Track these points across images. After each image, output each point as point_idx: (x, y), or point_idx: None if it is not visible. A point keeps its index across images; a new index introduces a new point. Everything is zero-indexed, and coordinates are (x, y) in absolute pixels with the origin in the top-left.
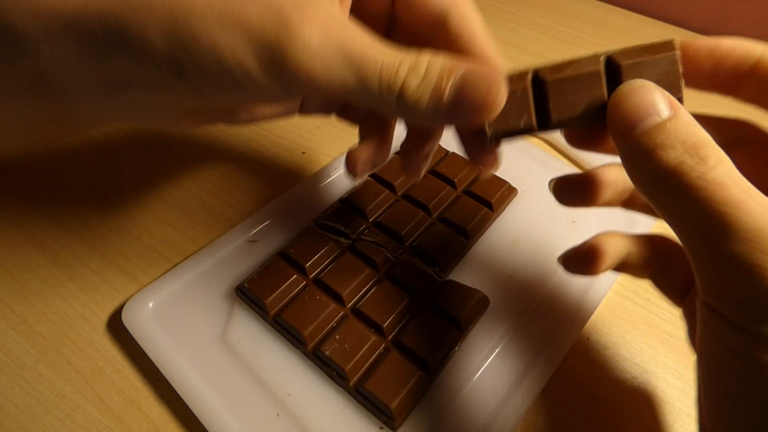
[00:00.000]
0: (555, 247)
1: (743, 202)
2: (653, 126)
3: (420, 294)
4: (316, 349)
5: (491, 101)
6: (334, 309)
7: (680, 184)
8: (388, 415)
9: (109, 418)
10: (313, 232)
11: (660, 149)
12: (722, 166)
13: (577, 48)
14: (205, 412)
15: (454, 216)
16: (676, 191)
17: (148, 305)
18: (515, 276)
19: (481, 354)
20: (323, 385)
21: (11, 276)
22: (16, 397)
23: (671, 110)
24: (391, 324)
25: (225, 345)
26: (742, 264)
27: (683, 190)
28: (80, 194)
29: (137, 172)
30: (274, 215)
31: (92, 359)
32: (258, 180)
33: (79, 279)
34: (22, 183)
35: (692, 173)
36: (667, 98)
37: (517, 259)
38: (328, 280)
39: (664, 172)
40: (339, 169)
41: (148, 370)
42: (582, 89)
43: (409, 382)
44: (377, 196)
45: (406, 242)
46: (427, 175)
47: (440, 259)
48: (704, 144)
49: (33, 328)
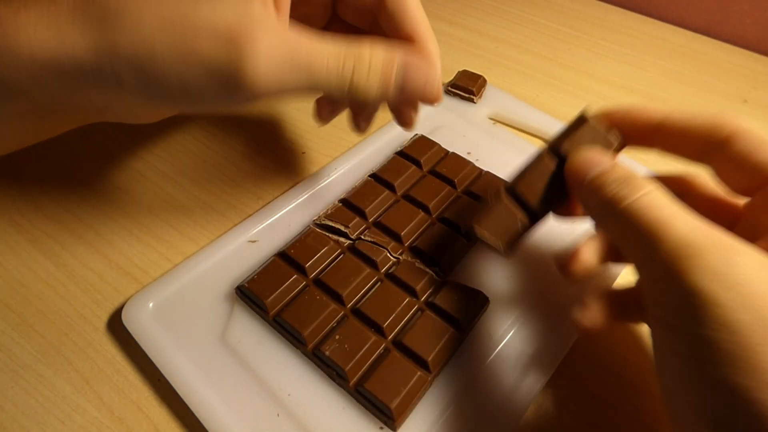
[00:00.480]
0: (555, 247)
1: (668, 221)
2: (597, 173)
3: (420, 294)
4: (316, 349)
5: (430, 88)
6: (334, 309)
7: (617, 209)
8: (388, 415)
9: (109, 418)
10: (313, 232)
11: (602, 187)
12: (652, 194)
13: (577, 48)
14: (205, 413)
15: (455, 216)
16: (616, 215)
17: (148, 305)
18: (515, 276)
19: (481, 354)
20: (323, 385)
21: (11, 276)
22: (16, 397)
23: (610, 162)
24: (391, 324)
25: (225, 345)
26: (670, 270)
27: (620, 213)
28: (80, 194)
29: (138, 172)
30: (274, 215)
31: (92, 359)
32: (258, 180)
33: (79, 279)
34: (22, 183)
35: (626, 200)
36: (605, 154)
37: (517, 259)
38: (328, 280)
39: (605, 202)
40: (339, 169)
41: (148, 370)
42: (543, 180)
43: (409, 382)
44: (377, 196)
45: (406, 242)
46: (427, 175)
47: (440, 259)
48: (636, 178)
49: (33, 328)
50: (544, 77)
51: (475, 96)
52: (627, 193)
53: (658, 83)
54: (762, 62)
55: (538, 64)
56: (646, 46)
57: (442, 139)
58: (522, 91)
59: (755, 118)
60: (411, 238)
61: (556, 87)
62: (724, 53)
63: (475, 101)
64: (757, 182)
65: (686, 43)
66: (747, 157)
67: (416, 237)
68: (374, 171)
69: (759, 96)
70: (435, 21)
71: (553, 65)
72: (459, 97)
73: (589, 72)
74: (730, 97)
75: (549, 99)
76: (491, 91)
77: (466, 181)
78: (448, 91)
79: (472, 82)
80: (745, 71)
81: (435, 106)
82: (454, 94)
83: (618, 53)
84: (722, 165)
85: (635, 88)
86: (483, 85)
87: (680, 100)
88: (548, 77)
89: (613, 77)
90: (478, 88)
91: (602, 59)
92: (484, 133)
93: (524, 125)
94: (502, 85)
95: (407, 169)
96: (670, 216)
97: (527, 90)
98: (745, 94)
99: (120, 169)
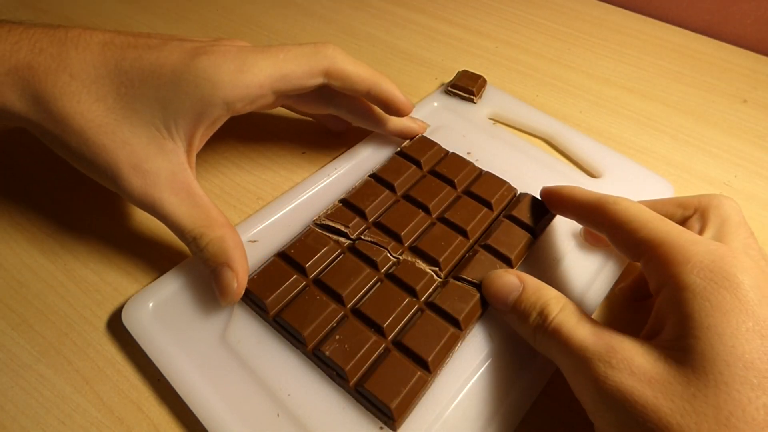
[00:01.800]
0: (555, 247)
1: (571, 335)
2: (514, 301)
3: (420, 294)
4: (316, 349)
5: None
6: (334, 309)
7: (538, 337)
8: (388, 415)
9: (109, 418)
10: (313, 232)
11: (524, 318)
12: (559, 315)
13: (577, 48)
14: (206, 413)
15: (454, 216)
16: (540, 341)
17: (148, 305)
18: None
19: (481, 354)
20: (323, 385)
21: (11, 276)
22: (16, 397)
23: (521, 283)
24: (391, 324)
25: (225, 345)
26: (579, 377)
27: (542, 340)
28: (80, 194)
29: None
30: (273, 215)
31: (92, 359)
32: (258, 180)
33: (79, 279)
34: (22, 183)
35: (542, 328)
36: (514, 275)
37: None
38: (328, 280)
39: (530, 332)
40: (339, 169)
41: (148, 370)
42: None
43: (409, 382)
44: (377, 196)
45: (406, 242)
46: (427, 176)
47: (440, 259)
48: (546, 303)
49: (33, 328)
50: (544, 77)
51: (475, 96)
52: (541, 321)
53: (658, 83)
54: (762, 62)
55: (538, 64)
56: (646, 46)
57: (442, 139)
58: (522, 91)
59: (755, 118)
60: (411, 238)
61: (556, 87)
62: (724, 53)
63: (475, 101)
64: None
65: (686, 43)
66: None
67: (416, 237)
68: (374, 171)
69: (759, 96)
70: (435, 21)
71: (553, 65)
72: (459, 98)
73: (589, 72)
74: (729, 97)
75: (549, 99)
76: (491, 91)
77: (466, 182)
78: (447, 91)
79: (472, 82)
80: (745, 71)
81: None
82: (453, 95)
83: (618, 53)
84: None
85: (635, 88)
86: (483, 85)
87: (680, 100)
88: (548, 77)
89: (613, 77)
90: (478, 89)
91: (602, 59)
92: (484, 133)
93: (524, 125)
94: (502, 85)
95: (407, 169)
96: (573, 330)
97: (527, 90)
98: (745, 94)
99: None
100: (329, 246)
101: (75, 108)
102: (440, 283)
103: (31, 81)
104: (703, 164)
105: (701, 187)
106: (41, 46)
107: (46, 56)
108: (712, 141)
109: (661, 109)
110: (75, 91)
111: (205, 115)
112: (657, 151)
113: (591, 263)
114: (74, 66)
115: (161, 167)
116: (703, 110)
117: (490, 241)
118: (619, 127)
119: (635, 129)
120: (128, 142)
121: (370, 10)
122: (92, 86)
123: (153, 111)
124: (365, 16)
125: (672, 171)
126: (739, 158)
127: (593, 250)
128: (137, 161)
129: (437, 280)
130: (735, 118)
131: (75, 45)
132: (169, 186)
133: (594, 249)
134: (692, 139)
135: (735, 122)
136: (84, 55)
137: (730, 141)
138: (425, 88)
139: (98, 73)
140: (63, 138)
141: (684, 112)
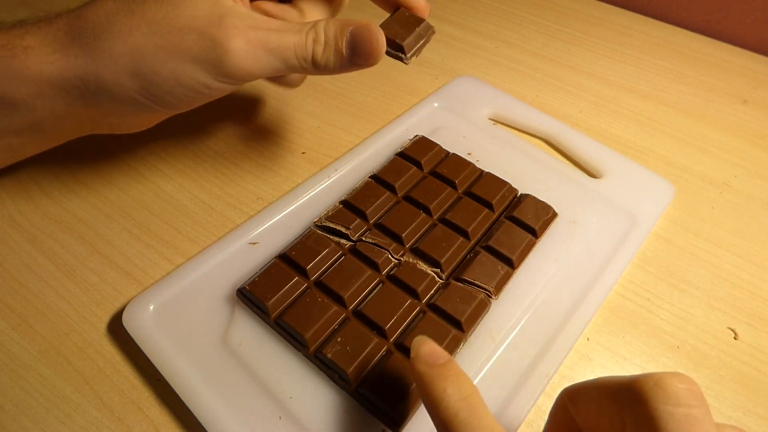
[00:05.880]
0: (555, 247)
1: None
2: (439, 368)
3: (422, 296)
4: (318, 352)
5: (375, 48)
6: (335, 311)
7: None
8: (390, 417)
9: (109, 418)
10: (314, 234)
11: (445, 400)
12: (470, 398)
13: (577, 48)
14: (207, 416)
15: (455, 217)
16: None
17: (149, 308)
18: (516, 277)
19: (483, 356)
20: (325, 387)
21: (11, 276)
22: (16, 397)
23: (445, 357)
24: (393, 326)
25: (226, 348)
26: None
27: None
28: (80, 194)
29: (138, 172)
30: (274, 217)
31: (92, 359)
32: (258, 180)
33: (79, 279)
34: (22, 183)
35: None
36: (438, 351)
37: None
38: (329, 282)
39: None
40: (339, 171)
41: (149, 370)
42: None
43: (411, 385)
44: (378, 198)
45: (408, 244)
46: (428, 177)
47: (441, 260)
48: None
49: (33, 328)
50: (544, 77)
51: (405, 55)
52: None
53: (658, 83)
54: (762, 62)
55: (538, 64)
56: (646, 46)
57: (443, 140)
58: (522, 91)
59: (755, 118)
60: (412, 240)
61: (556, 87)
62: (724, 53)
63: (406, 61)
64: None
65: (686, 43)
66: None
67: (417, 238)
68: (375, 172)
69: (759, 96)
70: (435, 21)
71: (553, 65)
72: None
73: (589, 72)
74: (729, 97)
75: (549, 99)
76: (491, 91)
77: (467, 182)
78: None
79: (404, 30)
80: (745, 71)
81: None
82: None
83: (618, 53)
84: None
85: (635, 88)
86: (423, 32)
87: (680, 100)
88: (548, 77)
89: (613, 77)
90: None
91: (602, 59)
92: (485, 133)
93: (524, 125)
94: (502, 85)
95: (408, 170)
96: (479, 422)
97: (527, 90)
98: (745, 94)
99: (120, 169)
100: (330, 248)
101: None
102: (442, 285)
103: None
104: (703, 164)
105: (701, 187)
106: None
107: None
108: (712, 141)
109: (661, 109)
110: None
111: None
112: (657, 151)
113: (591, 264)
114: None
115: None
116: (703, 110)
117: (492, 242)
118: (619, 127)
119: (635, 129)
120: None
121: (370, 11)
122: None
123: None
124: (365, 17)
125: (672, 171)
126: (739, 158)
127: (592, 254)
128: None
129: (439, 282)
130: (735, 118)
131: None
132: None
133: (592, 253)
134: (692, 139)
135: (735, 122)
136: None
137: (730, 141)
138: (425, 88)
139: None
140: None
141: (684, 112)
